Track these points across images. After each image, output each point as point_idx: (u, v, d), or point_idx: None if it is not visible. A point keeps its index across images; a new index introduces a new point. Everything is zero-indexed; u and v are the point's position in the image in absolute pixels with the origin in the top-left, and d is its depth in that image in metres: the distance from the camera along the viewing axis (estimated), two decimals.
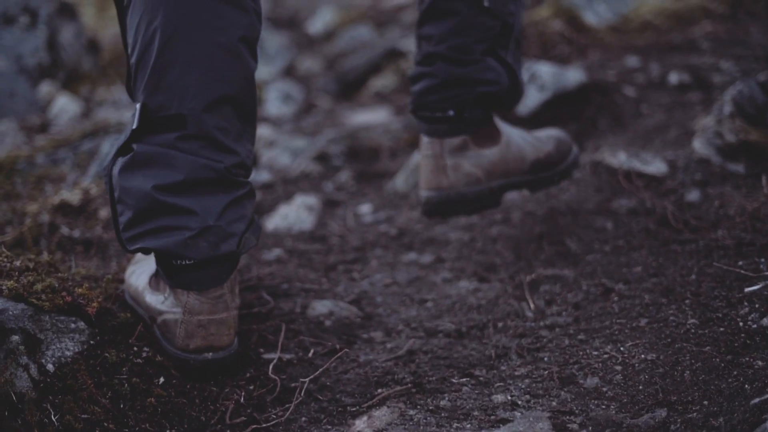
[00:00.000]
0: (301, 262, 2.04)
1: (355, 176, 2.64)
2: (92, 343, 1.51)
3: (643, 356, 1.55)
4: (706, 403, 1.39)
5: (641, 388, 1.47)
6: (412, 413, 1.46)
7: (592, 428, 1.38)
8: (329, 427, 1.46)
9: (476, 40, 1.86)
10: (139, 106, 1.50)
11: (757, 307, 1.59)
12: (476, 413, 1.45)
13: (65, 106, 3.41)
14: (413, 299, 1.87)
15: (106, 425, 1.40)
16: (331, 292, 1.89)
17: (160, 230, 1.50)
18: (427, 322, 1.77)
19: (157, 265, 1.57)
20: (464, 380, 1.57)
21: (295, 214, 2.28)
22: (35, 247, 2.06)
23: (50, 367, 1.44)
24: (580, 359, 1.59)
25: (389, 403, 1.50)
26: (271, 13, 5.04)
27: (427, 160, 1.92)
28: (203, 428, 1.47)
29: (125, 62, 1.58)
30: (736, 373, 1.43)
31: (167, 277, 1.55)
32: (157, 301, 1.58)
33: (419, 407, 1.48)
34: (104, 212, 2.18)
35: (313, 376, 1.55)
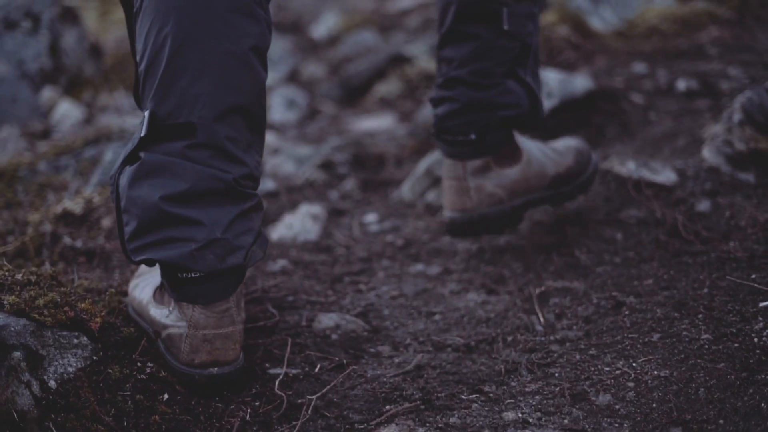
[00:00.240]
0: (306, 273, 2.01)
1: (360, 184, 2.61)
2: (95, 358, 1.48)
3: (656, 372, 1.52)
4: (721, 422, 1.36)
5: (655, 405, 1.44)
6: (421, 431, 1.43)
7: None
8: None
9: (496, 63, 1.89)
10: (147, 113, 1.47)
11: None
12: (487, 431, 1.43)
13: (67, 111, 3.38)
14: (421, 312, 1.85)
15: None
16: (337, 304, 1.86)
17: (165, 241, 1.47)
18: (435, 335, 1.75)
19: (162, 277, 1.55)
20: (474, 397, 1.54)
21: (300, 223, 2.26)
22: (37, 257, 2.03)
23: (52, 383, 1.41)
24: (591, 375, 1.56)
25: (398, 420, 1.47)
26: (274, 17, 4.99)
27: (450, 182, 1.96)
28: None
29: (128, 67, 1.55)
30: (752, 391, 1.40)
31: (172, 290, 1.52)
32: (161, 314, 1.55)
33: (428, 425, 1.45)
34: (107, 221, 2.15)
35: (320, 393, 1.52)
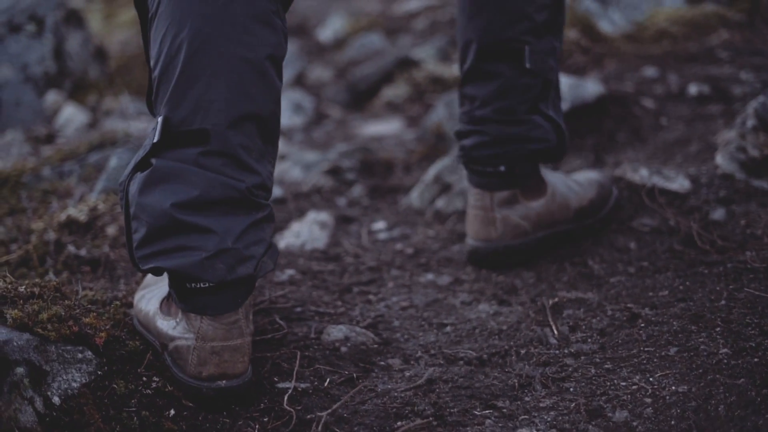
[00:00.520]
0: (314, 283, 1.97)
1: (368, 191, 2.57)
2: (100, 373, 1.45)
3: (673, 388, 1.48)
4: None
5: (673, 423, 1.40)
6: None
7: None
8: None
9: (519, 101, 1.91)
10: (161, 119, 1.45)
11: None
12: None
13: (72, 116, 3.35)
14: (432, 323, 1.81)
15: None
16: (346, 315, 1.83)
17: (175, 250, 1.44)
18: (446, 348, 1.71)
19: (169, 287, 1.51)
20: (487, 412, 1.50)
21: (307, 231, 2.22)
22: (41, 266, 2.00)
23: (56, 399, 1.38)
24: (607, 390, 1.53)
25: None
26: None
27: (476, 211, 1.97)
28: None
29: (133, 71, 1.53)
30: None
31: (180, 300, 1.49)
32: (168, 326, 1.52)
33: None
34: (112, 229, 2.11)
35: (330, 410, 1.48)
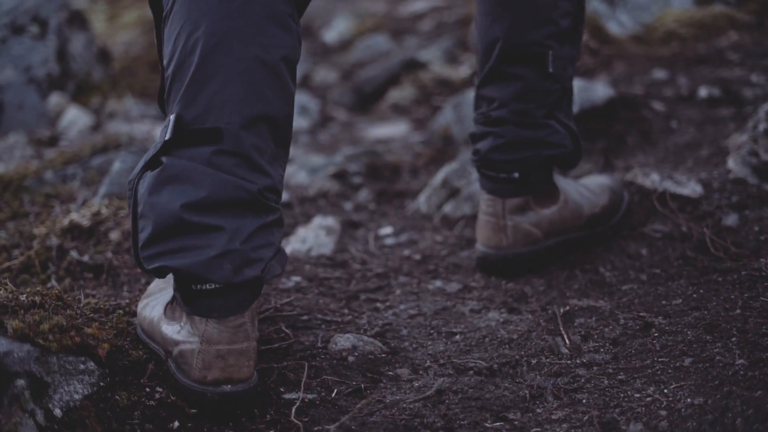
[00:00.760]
0: (321, 290, 1.94)
1: (374, 195, 2.54)
2: (102, 384, 1.42)
3: (689, 400, 1.45)
4: None
5: None
6: None
7: None
8: None
9: (538, 105, 1.89)
10: (173, 117, 1.43)
11: None
12: None
13: (75, 118, 3.32)
14: (440, 332, 1.78)
15: None
16: (353, 324, 1.80)
17: (182, 249, 1.42)
18: (455, 357, 1.68)
19: (174, 290, 1.48)
20: (498, 425, 1.47)
21: (313, 236, 2.19)
22: (43, 273, 1.97)
23: (57, 412, 1.35)
24: (621, 402, 1.49)
25: None
26: None
27: (487, 217, 1.94)
28: None
29: (137, 73, 1.51)
30: None
31: (185, 303, 1.46)
32: (173, 331, 1.49)
33: None
34: (115, 235, 2.08)
35: (339, 423, 1.44)
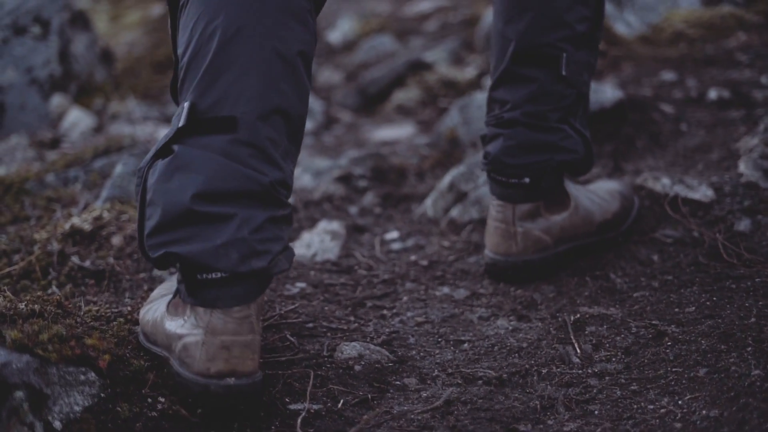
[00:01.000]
0: (326, 297, 1.90)
1: (380, 199, 2.50)
2: (103, 396, 1.38)
3: (704, 412, 1.41)
4: None
5: None
6: None
7: None
8: None
9: (551, 108, 1.85)
10: (187, 104, 1.41)
11: None
12: None
13: (77, 119, 3.28)
14: (448, 340, 1.74)
15: None
16: (360, 331, 1.76)
17: (189, 238, 1.39)
18: (464, 367, 1.64)
19: (179, 281, 1.45)
20: None
21: (318, 241, 2.15)
22: (44, 278, 1.94)
23: (57, 424, 1.31)
24: (634, 414, 1.46)
25: None
26: None
27: (496, 224, 1.90)
28: None
29: (140, 74, 1.48)
30: None
31: (189, 294, 1.42)
32: (176, 326, 1.46)
33: None
34: (117, 239, 2.05)
35: None
